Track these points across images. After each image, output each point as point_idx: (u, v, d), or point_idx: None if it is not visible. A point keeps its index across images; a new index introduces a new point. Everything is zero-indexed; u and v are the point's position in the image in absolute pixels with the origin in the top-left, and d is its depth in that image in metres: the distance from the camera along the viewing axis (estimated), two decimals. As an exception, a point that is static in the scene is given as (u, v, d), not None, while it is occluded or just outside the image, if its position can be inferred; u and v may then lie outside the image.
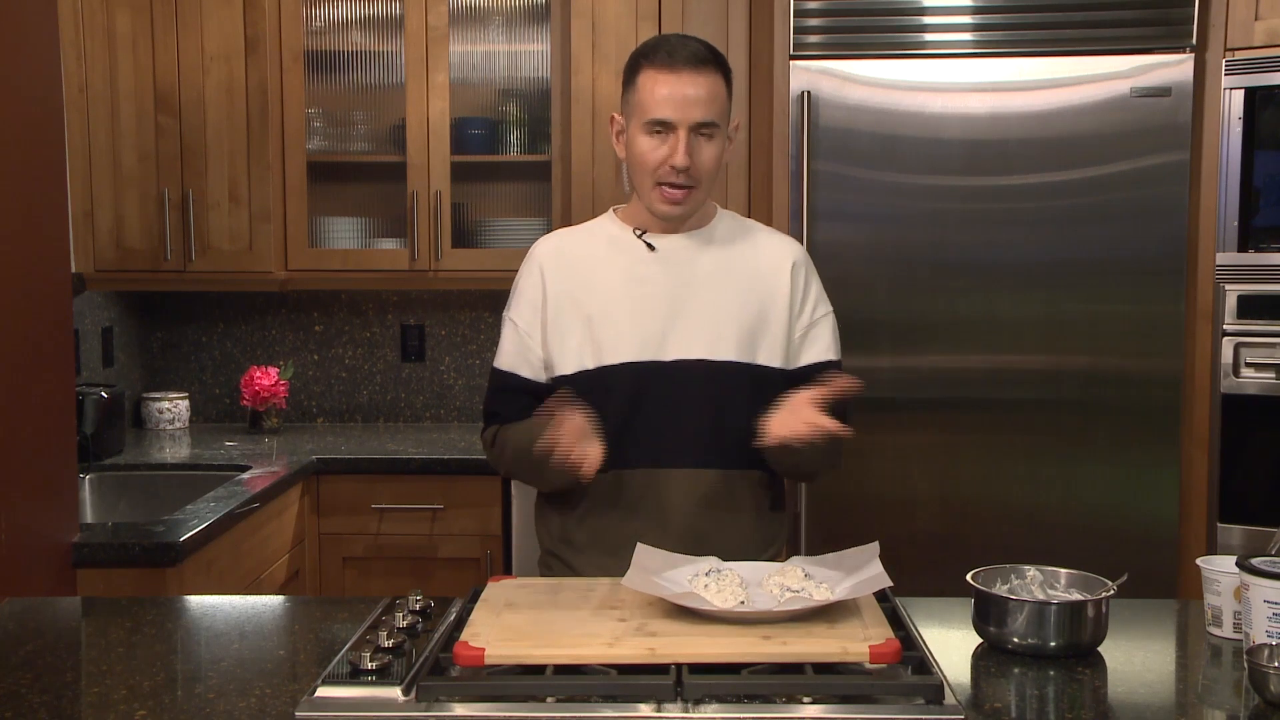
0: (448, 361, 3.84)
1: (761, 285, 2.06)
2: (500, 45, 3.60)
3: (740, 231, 2.12)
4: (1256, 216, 2.98)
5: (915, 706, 1.41)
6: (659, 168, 1.97)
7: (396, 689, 1.44)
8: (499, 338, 2.14)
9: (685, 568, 1.76)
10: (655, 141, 1.97)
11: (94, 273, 3.42)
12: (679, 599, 1.61)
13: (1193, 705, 1.54)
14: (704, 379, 2.01)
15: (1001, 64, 3.05)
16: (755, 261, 2.08)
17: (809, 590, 1.66)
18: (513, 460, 2.07)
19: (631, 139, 2.01)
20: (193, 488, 2.94)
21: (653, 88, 1.96)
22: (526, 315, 2.08)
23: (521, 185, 3.72)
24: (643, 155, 1.98)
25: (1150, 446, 3.08)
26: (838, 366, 2.09)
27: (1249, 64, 2.95)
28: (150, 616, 1.82)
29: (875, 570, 1.68)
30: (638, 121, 1.99)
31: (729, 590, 1.65)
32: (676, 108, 1.94)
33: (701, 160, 1.97)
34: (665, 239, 2.06)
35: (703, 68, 1.96)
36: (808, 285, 2.10)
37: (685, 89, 1.94)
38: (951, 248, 3.09)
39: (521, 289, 2.11)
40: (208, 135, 3.39)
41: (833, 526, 3.09)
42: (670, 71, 1.95)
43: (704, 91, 1.95)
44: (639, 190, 2.03)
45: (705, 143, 1.97)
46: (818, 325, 2.09)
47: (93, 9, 3.34)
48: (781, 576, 1.71)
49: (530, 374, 2.07)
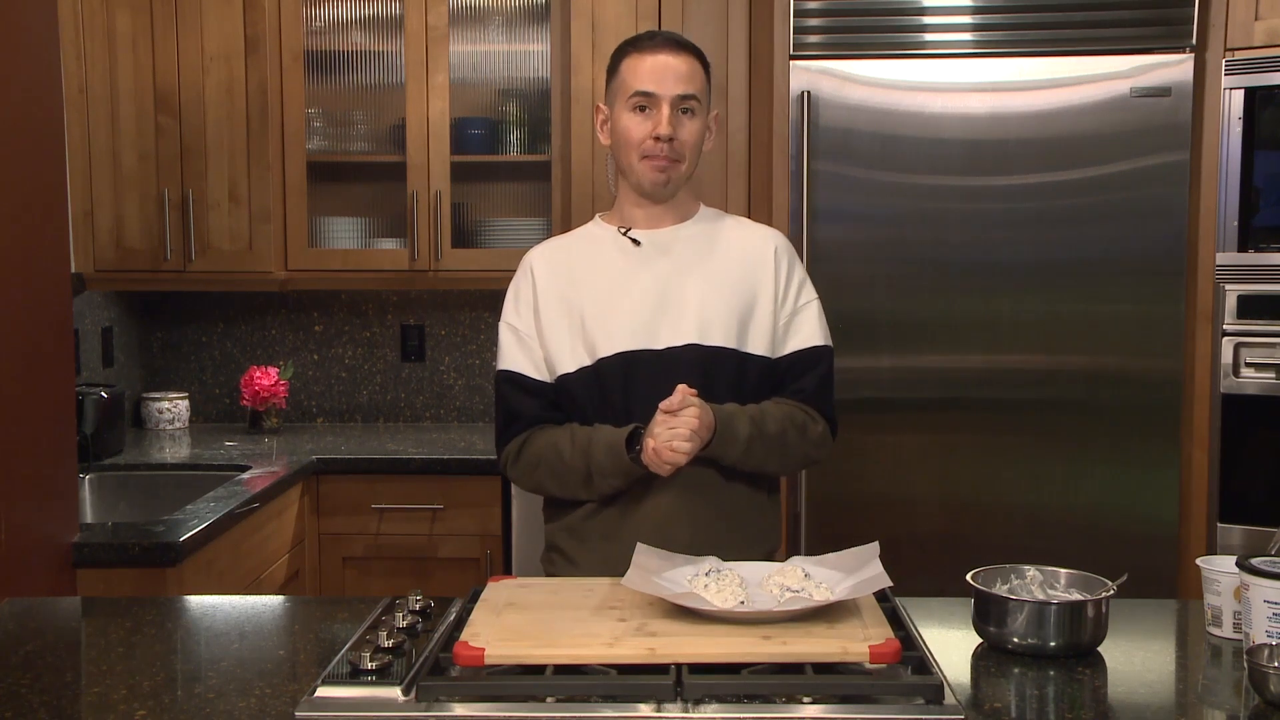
0: (448, 361, 3.84)
1: (746, 274, 2.10)
2: (500, 45, 3.60)
3: (722, 223, 2.18)
4: (1256, 216, 2.98)
5: (915, 706, 1.41)
6: (644, 141, 2.04)
7: (396, 689, 1.44)
8: (497, 346, 2.15)
9: (685, 568, 1.76)
10: (640, 117, 2.04)
11: (94, 273, 3.42)
12: (679, 599, 1.61)
13: (1193, 705, 1.54)
14: (695, 363, 2.03)
15: (1001, 64, 3.05)
16: (739, 251, 2.13)
17: (809, 590, 1.66)
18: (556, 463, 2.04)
19: (616, 121, 2.08)
20: (193, 488, 2.94)
21: (635, 67, 2.05)
22: (524, 318, 2.11)
23: (521, 185, 3.72)
24: (628, 130, 2.05)
25: (1150, 446, 3.08)
26: (825, 353, 2.12)
27: (1249, 64, 2.95)
28: (150, 616, 1.82)
29: (875, 570, 1.68)
30: (622, 101, 2.06)
31: (729, 590, 1.65)
32: (658, 80, 2.03)
33: (684, 134, 2.05)
34: (650, 234, 2.12)
35: (681, 50, 2.06)
36: (790, 273, 2.13)
37: (666, 63, 2.04)
38: (951, 248, 3.09)
39: (516, 295, 2.15)
40: (208, 135, 3.39)
41: (833, 526, 3.09)
42: (651, 52, 2.05)
43: (684, 69, 2.05)
44: (625, 169, 2.09)
45: (687, 118, 2.05)
46: (802, 312, 2.11)
47: (93, 9, 3.34)
48: (781, 576, 1.71)
49: (536, 374, 2.09)
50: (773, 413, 2.04)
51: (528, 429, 2.09)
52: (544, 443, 2.06)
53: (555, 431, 2.06)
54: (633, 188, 2.10)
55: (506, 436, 2.11)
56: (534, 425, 2.09)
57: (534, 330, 2.10)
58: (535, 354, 2.09)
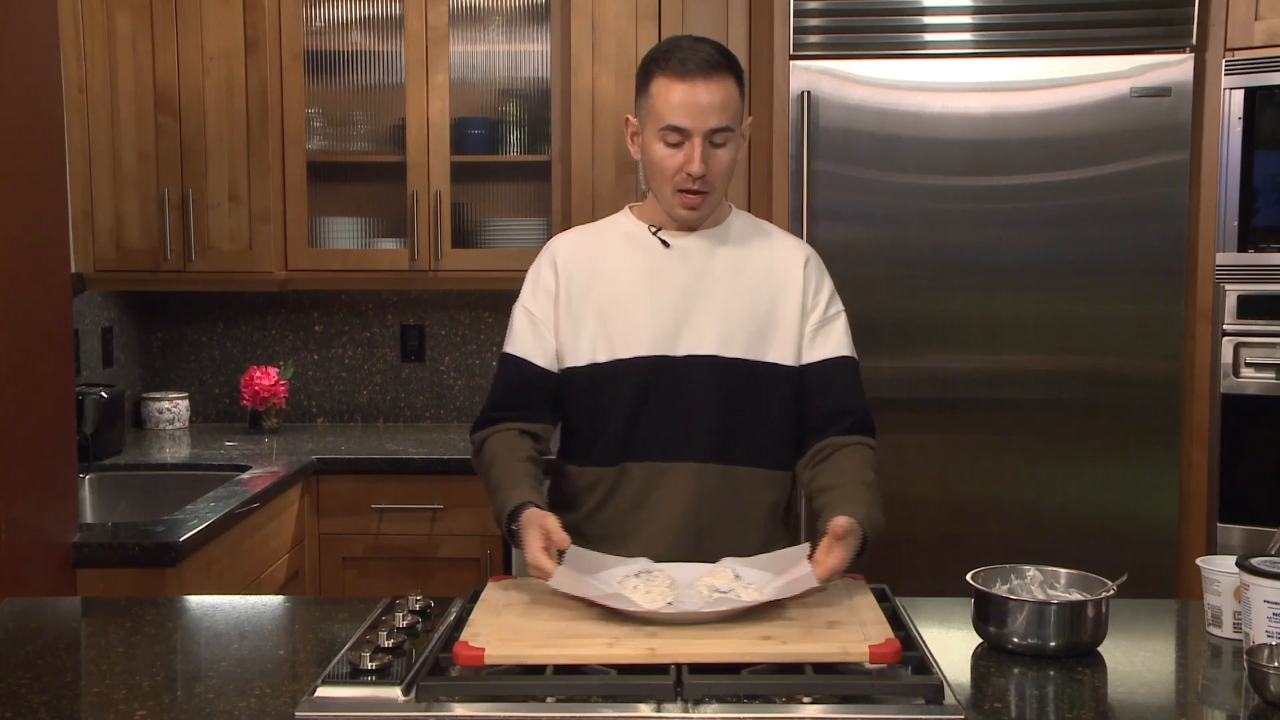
0: (447, 361, 3.84)
1: (774, 283, 2.07)
2: (500, 45, 3.60)
3: (754, 231, 2.14)
4: (1256, 216, 2.98)
5: (915, 706, 1.41)
6: (676, 174, 1.99)
7: (396, 689, 1.44)
8: (509, 326, 2.11)
9: (616, 569, 1.78)
10: (671, 149, 1.98)
11: (94, 273, 3.42)
12: (605, 599, 1.62)
13: (1193, 705, 1.54)
14: (713, 374, 2.02)
15: (1001, 64, 3.05)
16: (768, 260, 2.09)
17: (737, 591, 1.67)
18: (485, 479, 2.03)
19: (647, 144, 2.02)
20: (193, 488, 2.94)
21: (666, 95, 1.96)
22: (542, 304, 2.08)
23: (521, 185, 3.72)
24: (659, 162, 2.00)
25: (1150, 446, 3.08)
26: (852, 364, 2.10)
27: (1249, 64, 2.95)
28: (150, 616, 1.82)
29: (804, 570, 1.69)
30: (652, 128, 2.00)
31: (657, 591, 1.67)
32: (690, 116, 1.95)
33: (716, 166, 1.99)
34: (680, 237, 2.08)
35: (714, 74, 1.96)
36: (820, 284, 2.11)
37: (699, 96, 1.95)
38: (951, 248, 3.09)
39: (536, 280, 2.11)
40: (208, 135, 3.39)
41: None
42: (683, 80, 1.95)
43: (718, 98, 1.96)
44: (657, 195, 2.05)
45: (720, 149, 1.99)
46: (830, 323, 2.09)
47: (93, 9, 3.34)
48: (712, 578, 1.73)
49: (544, 362, 2.06)
50: (863, 471, 1.98)
51: (500, 424, 2.05)
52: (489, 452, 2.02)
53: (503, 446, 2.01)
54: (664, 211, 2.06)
55: (484, 420, 2.08)
56: (509, 421, 2.05)
57: (551, 319, 2.07)
58: (547, 342, 2.07)
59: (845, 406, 2.05)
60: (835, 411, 2.05)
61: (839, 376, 2.07)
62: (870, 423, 2.08)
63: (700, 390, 2.01)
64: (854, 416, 2.05)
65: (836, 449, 2.02)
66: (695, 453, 2.01)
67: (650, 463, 2.01)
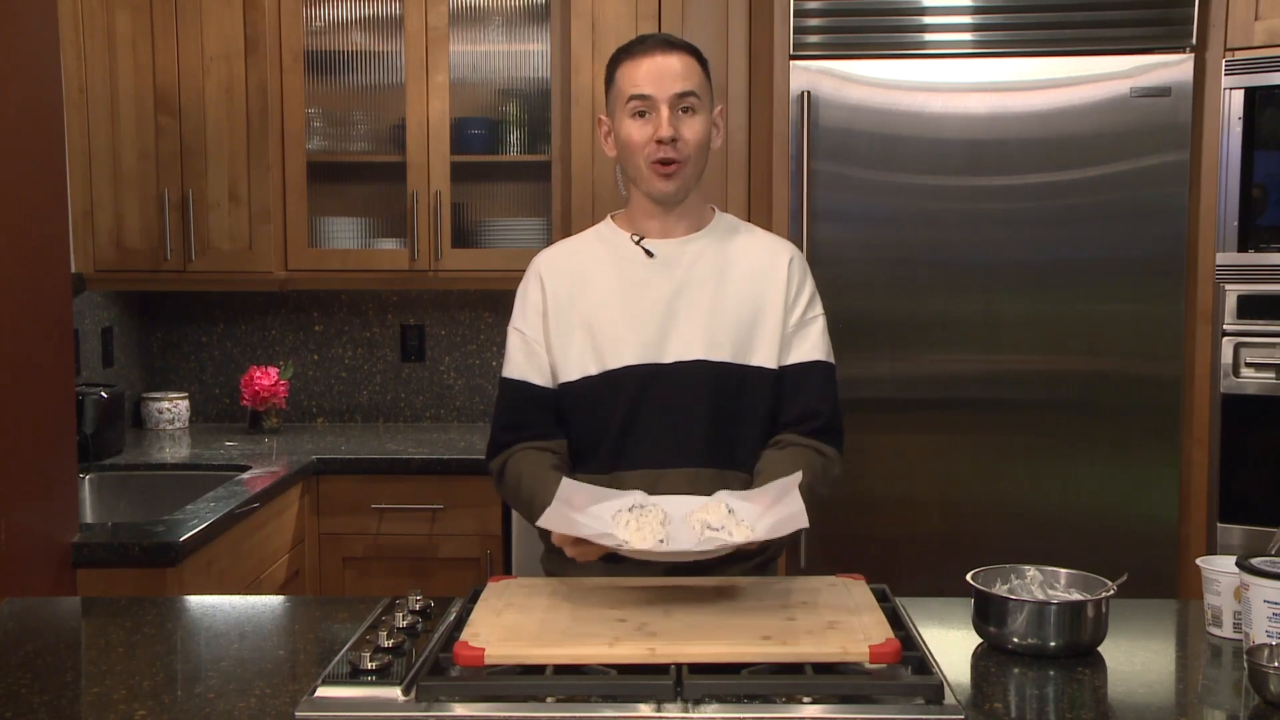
0: (447, 361, 3.84)
1: (757, 285, 2.07)
2: (500, 45, 3.60)
3: (736, 232, 2.14)
4: (1257, 216, 2.98)
5: (915, 706, 1.41)
6: (646, 146, 2.01)
7: (396, 689, 1.44)
8: (505, 348, 2.13)
9: (610, 502, 1.77)
10: (640, 122, 2.01)
11: (94, 273, 3.42)
12: (596, 538, 1.64)
13: (1193, 705, 1.54)
14: (702, 380, 2.02)
15: (1001, 64, 3.05)
16: (752, 262, 2.09)
17: (729, 527, 1.68)
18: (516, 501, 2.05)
19: (618, 129, 2.05)
20: (193, 488, 2.94)
21: (631, 74, 2.02)
22: (532, 322, 2.09)
23: (521, 185, 3.72)
24: (630, 137, 2.02)
25: (1150, 446, 3.08)
26: (827, 369, 2.09)
27: (1249, 64, 2.95)
28: (150, 616, 1.82)
29: (796, 507, 1.69)
30: (621, 108, 2.03)
31: (649, 529, 1.67)
32: (653, 81, 2.00)
33: (687, 133, 2.01)
34: (662, 243, 2.08)
35: (673, 49, 2.03)
36: (801, 284, 2.11)
37: (659, 66, 2.01)
38: (951, 248, 3.09)
39: (525, 299, 2.12)
40: (208, 135, 3.39)
41: (832, 527, 3.08)
42: (644, 55, 2.02)
43: (679, 66, 2.01)
44: (634, 177, 2.06)
45: (689, 117, 2.01)
46: (808, 325, 2.09)
47: (93, 9, 3.34)
48: (705, 512, 1.73)
49: (541, 381, 2.07)
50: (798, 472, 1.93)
51: (515, 445, 2.07)
52: (513, 473, 2.04)
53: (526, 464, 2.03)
54: (644, 195, 2.06)
55: (497, 446, 2.10)
56: (523, 442, 2.06)
57: (541, 336, 2.08)
58: (541, 360, 2.08)
59: (813, 409, 2.05)
60: (802, 414, 2.05)
61: (810, 380, 2.07)
62: (837, 428, 2.08)
63: (690, 395, 2.01)
64: (820, 420, 2.05)
65: (789, 444, 2.03)
66: (687, 458, 2.01)
67: (643, 470, 2.01)
